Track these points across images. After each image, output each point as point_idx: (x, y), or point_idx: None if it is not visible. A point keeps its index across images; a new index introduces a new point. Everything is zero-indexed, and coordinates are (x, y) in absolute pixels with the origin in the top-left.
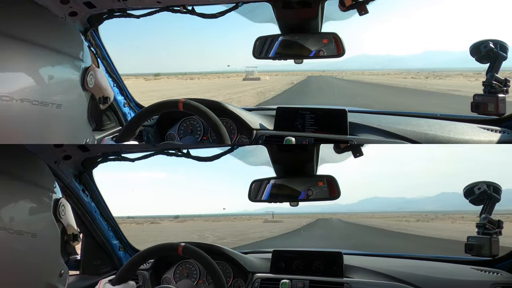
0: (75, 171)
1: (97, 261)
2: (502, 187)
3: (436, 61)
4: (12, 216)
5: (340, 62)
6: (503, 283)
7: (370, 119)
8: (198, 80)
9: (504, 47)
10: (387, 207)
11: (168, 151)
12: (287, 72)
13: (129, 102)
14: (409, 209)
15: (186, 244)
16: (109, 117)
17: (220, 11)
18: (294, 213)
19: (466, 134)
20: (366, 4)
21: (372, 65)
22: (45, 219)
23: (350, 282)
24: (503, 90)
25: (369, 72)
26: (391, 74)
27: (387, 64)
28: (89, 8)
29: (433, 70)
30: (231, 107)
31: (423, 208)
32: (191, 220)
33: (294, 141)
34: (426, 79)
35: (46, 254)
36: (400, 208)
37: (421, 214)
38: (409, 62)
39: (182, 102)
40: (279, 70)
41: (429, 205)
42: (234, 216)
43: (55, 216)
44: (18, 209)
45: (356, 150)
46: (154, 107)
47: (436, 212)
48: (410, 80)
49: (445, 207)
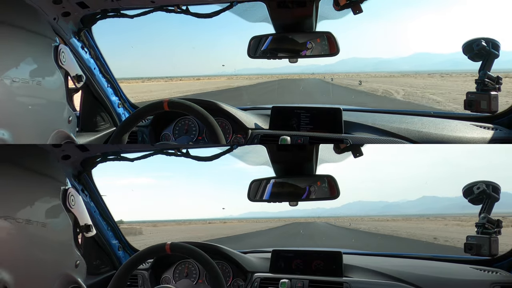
0: (74, 171)
1: (97, 261)
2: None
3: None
4: (19, 205)
5: (333, 65)
6: (502, 283)
7: (365, 117)
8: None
9: (496, 45)
10: (370, 211)
11: (167, 151)
12: (270, 75)
13: (123, 102)
14: (392, 213)
15: (173, 242)
16: (103, 118)
17: (214, 10)
18: (270, 218)
19: (459, 131)
20: (360, 3)
21: (362, 68)
22: (56, 209)
23: (350, 282)
24: (495, 88)
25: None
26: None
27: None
28: (82, 8)
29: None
30: (226, 106)
31: (406, 212)
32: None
33: (289, 140)
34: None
35: (59, 244)
36: (382, 212)
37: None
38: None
39: (167, 101)
40: (263, 73)
41: (412, 209)
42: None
43: (65, 206)
44: (25, 199)
45: (356, 150)
46: (139, 113)
47: (420, 216)
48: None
49: (427, 210)
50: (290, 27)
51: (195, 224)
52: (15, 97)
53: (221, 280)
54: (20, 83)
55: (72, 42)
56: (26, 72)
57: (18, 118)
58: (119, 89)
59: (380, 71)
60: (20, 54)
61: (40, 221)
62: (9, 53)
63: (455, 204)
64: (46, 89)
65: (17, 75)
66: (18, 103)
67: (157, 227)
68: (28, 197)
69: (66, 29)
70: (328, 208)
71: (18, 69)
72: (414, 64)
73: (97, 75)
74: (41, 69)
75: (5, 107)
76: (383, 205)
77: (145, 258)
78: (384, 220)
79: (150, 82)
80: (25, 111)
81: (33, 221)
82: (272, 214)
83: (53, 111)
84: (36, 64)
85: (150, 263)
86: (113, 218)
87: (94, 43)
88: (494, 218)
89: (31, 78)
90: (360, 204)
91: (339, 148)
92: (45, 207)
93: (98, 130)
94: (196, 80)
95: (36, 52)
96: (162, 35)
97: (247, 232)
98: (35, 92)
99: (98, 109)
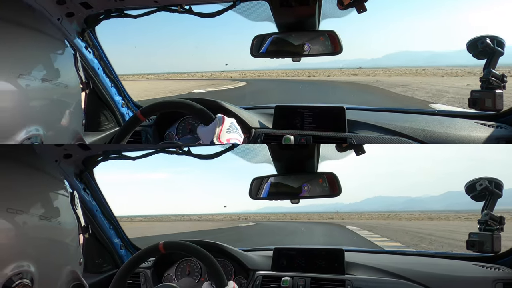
0: (76, 170)
1: (99, 259)
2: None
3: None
4: (41, 204)
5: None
6: (505, 279)
7: (369, 116)
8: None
9: (500, 42)
10: (391, 206)
11: (169, 149)
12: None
13: (127, 102)
14: (416, 208)
15: (166, 241)
16: (107, 117)
17: (217, 10)
18: (287, 213)
19: (464, 129)
20: (365, 2)
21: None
22: (67, 209)
23: (352, 279)
24: (500, 86)
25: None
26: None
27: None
28: (86, 9)
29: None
30: (230, 106)
31: (430, 208)
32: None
33: (293, 140)
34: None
35: (70, 241)
36: (405, 208)
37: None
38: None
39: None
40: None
41: (436, 204)
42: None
43: (72, 207)
44: (47, 198)
45: (358, 148)
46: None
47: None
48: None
49: (452, 206)
50: (293, 26)
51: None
52: (47, 97)
53: (219, 269)
54: (51, 84)
55: (76, 42)
56: (56, 74)
57: (50, 117)
58: (123, 89)
59: (432, 65)
60: (45, 56)
61: (56, 219)
62: (36, 54)
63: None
64: (71, 93)
65: (47, 76)
66: (49, 103)
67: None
68: (47, 197)
69: (70, 30)
70: (347, 204)
71: (47, 70)
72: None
73: (101, 75)
74: (66, 72)
75: (38, 105)
76: (405, 200)
77: (140, 262)
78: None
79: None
80: (55, 112)
81: (52, 219)
82: (286, 209)
83: (76, 114)
84: (62, 67)
85: (152, 262)
86: (115, 217)
87: (97, 43)
88: (496, 215)
89: (60, 80)
90: (381, 199)
91: (341, 146)
92: (60, 206)
93: (102, 130)
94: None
95: (59, 54)
96: (164, 34)
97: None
98: (63, 94)
99: (102, 109)
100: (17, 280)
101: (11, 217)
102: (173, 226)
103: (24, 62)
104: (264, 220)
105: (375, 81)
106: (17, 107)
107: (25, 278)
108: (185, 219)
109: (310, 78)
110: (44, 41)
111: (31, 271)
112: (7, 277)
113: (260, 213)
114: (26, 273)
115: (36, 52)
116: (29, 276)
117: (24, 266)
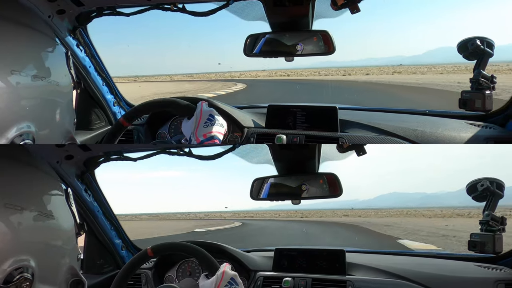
0: (77, 171)
1: (100, 260)
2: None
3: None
4: (40, 201)
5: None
6: (506, 280)
7: (361, 116)
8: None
9: (490, 44)
10: (408, 202)
11: (170, 150)
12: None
13: (119, 101)
14: (432, 205)
15: (153, 245)
16: (98, 116)
17: (210, 9)
18: (298, 210)
19: (454, 130)
20: (358, 3)
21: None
22: (64, 206)
23: (353, 280)
24: (490, 87)
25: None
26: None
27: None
28: (78, 6)
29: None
30: (222, 104)
31: (447, 203)
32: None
33: (285, 139)
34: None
35: (68, 237)
36: (421, 204)
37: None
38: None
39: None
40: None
41: (453, 200)
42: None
43: (68, 204)
44: (45, 195)
45: (359, 149)
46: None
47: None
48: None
49: (470, 201)
50: (286, 26)
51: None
52: (38, 95)
53: (208, 256)
54: (42, 81)
55: (67, 40)
56: (47, 71)
57: (41, 115)
58: (115, 88)
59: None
60: (37, 53)
61: (54, 215)
62: (28, 52)
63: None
64: (62, 91)
65: (38, 73)
66: (41, 101)
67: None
68: (45, 194)
69: (61, 27)
70: (361, 200)
71: (39, 68)
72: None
73: (92, 73)
74: (58, 70)
75: (29, 102)
76: (421, 196)
77: (134, 269)
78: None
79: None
80: (46, 109)
81: (49, 215)
82: (297, 206)
83: (67, 113)
84: (54, 65)
85: (153, 262)
86: (116, 217)
87: (89, 41)
88: (498, 215)
89: (52, 78)
90: (396, 196)
91: (342, 147)
92: (58, 203)
93: (93, 129)
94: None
95: (50, 52)
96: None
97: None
98: (54, 92)
99: (93, 107)
100: (17, 274)
101: (9, 212)
102: (172, 227)
103: (15, 58)
104: (266, 219)
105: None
106: (8, 103)
107: (25, 272)
108: (191, 217)
109: (345, 78)
110: (35, 38)
111: (32, 266)
112: (7, 272)
113: (270, 211)
114: (26, 268)
115: (27, 49)
116: (29, 271)
117: (24, 261)
